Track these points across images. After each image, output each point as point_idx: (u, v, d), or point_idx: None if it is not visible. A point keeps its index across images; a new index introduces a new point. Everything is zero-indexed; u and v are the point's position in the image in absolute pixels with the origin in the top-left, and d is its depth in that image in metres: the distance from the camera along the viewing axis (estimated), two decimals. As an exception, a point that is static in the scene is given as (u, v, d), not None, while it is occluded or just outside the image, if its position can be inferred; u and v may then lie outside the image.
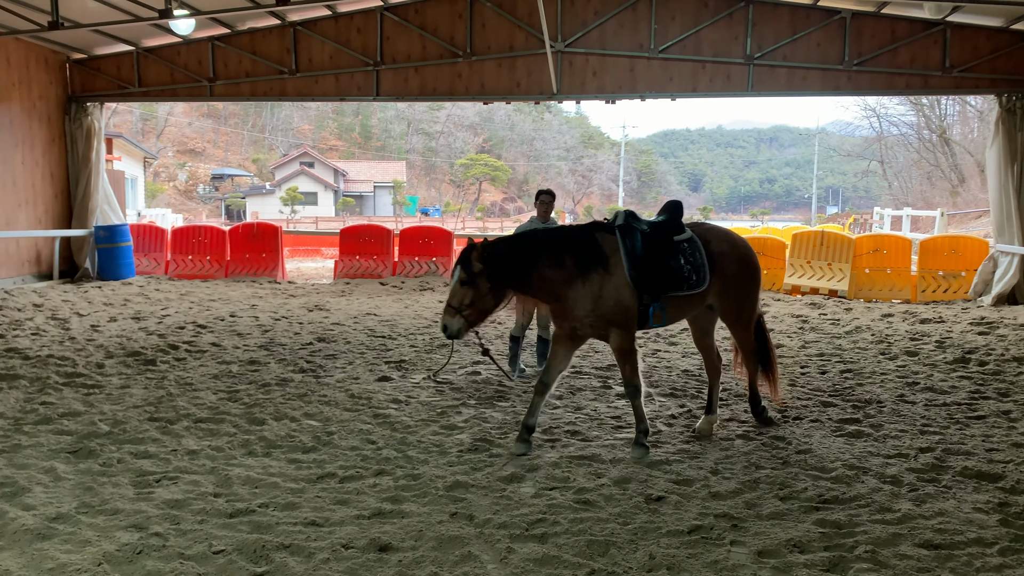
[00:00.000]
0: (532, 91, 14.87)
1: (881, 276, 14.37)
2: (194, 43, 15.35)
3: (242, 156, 73.88)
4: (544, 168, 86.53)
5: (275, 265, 16.52)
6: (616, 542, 3.96)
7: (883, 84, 14.12)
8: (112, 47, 15.50)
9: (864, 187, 79.94)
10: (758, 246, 15.47)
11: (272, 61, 15.23)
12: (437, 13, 14.80)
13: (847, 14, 13.70)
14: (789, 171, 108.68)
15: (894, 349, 9.33)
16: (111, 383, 7.23)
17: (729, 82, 14.30)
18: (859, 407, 6.69)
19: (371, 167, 69.92)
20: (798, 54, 14.00)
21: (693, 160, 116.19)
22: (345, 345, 9.31)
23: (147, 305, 12.30)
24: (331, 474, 4.93)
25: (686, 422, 6.19)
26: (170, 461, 5.13)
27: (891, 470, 5.06)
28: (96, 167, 15.85)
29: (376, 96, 15.26)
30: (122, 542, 3.87)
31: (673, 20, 14.22)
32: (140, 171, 34.24)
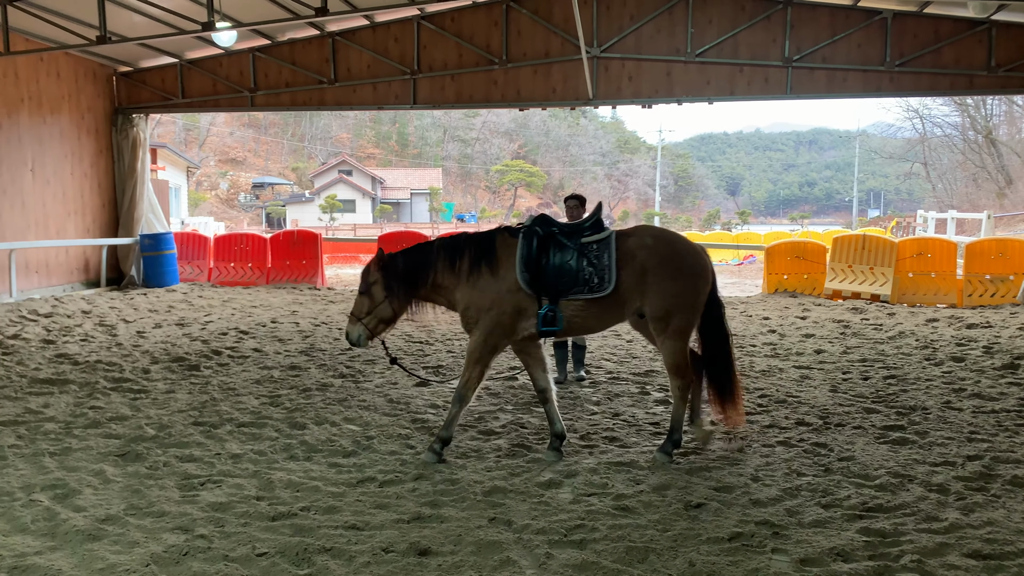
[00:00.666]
0: (568, 97, 14.87)
1: (925, 280, 14.08)
2: (235, 54, 15.67)
3: (282, 165, 75.03)
4: (579, 173, 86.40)
5: (315, 272, 16.73)
6: (655, 549, 3.94)
7: (926, 85, 13.85)
8: (157, 60, 15.88)
9: (907, 190, 78.44)
10: (798, 250, 15.28)
11: (311, 71, 15.46)
12: (473, 21, 14.90)
13: (888, 14, 13.48)
14: (829, 174, 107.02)
15: (939, 355, 9.14)
16: (157, 388, 7.39)
17: (767, 85, 14.16)
18: (903, 414, 6.57)
19: (408, 174, 70.48)
20: (838, 55, 13.80)
21: (731, 164, 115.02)
22: (383, 350, 9.38)
23: (191, 312, 12.55)
24: (371, 478, 4.99)
25: (725, 428, 6.13)
26: (214, 465, 5.23)
27: (937, 478, 4.96)
28: (141, 177, 16.24)
29: (413, 104, 15.40)
30: (169, 543, 3.96)
31: (710, 23, 14.13)
32: (183, 180, 34.98)
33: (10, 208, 13.50)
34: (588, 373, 8.16)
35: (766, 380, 7.89)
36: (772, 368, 8.49)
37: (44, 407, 6.62)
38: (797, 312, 12.72)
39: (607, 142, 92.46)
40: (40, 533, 4.11)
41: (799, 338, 10.39)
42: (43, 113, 14.27)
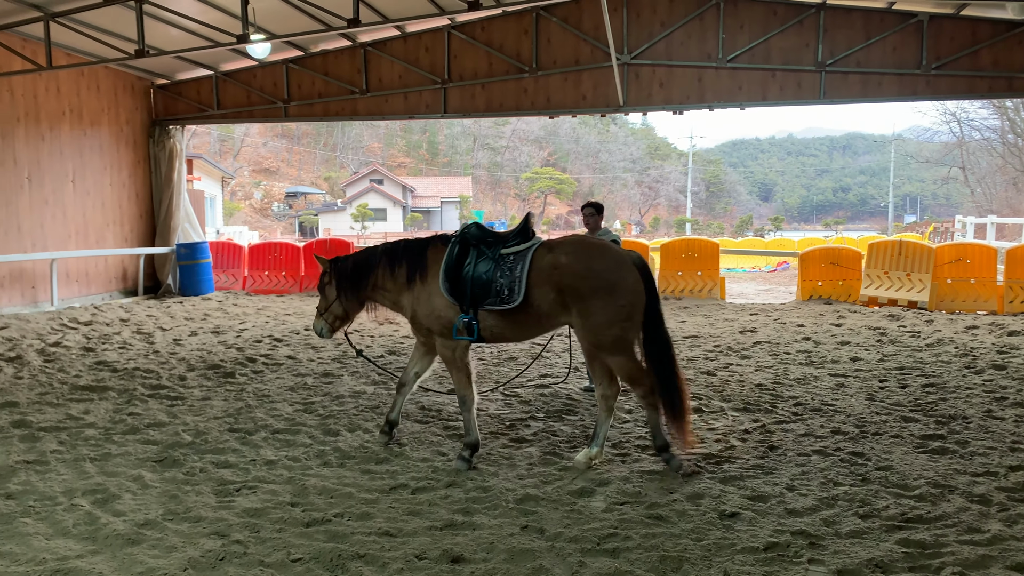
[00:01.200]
0: (598, 104, 14.86)
1: (964, 287, 13.81)
2: (269, 66, 15.91)
3: (314, 174, 75.90)
4: (610, 180, 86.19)
5: (346, 280, 16.84)
6: (689, 558, 3.90)
7: (964, 88, 13.61)
8: (193, 72, 16.19)
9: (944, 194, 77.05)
10: (832, 256, 15.07)
11: (344, 81, 15.64)
12: (503, 30, 14.97)
13: (924, 17, 13.28)
14: (864, 179, 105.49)
15: (980, 363, 8.95)
16: (193, 395, 7.50)
17: (800, 90, 14.01)
18: (943, 423, 6.44)
19: (438, 183, 70.87)
20: (872, 59, 13.63)
21: (763, 169, 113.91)
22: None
23: (226, 319, 12.73)
24: (403, 485, 5.01)
25: (760, 437, 6.06)
26: (249, 471, 5.29)
27: (979, 489, 4.85)
28: (178, 187, 16.53)
29: (444, 113, 15.50)
30: (205, 548, 4.01)
31: (741, 29, 14.04)
32: (218, 190, 35.54)
33: (52, 218, 13.83)
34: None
35: (801, 388, 7.79)
36: (807, 376, 8.38)
37: (85, 413, 6.75)
38: (832, 319, 12.54)
39: (637, 148, 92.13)
40: (81, 537, 4.20)
41: (834, 345, 10.25)
42: (83, 126, 14.61)
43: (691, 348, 10.15)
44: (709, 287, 15.63)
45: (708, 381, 8.12)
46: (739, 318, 12.90)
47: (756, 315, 13.26)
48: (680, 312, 13.71)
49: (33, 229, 13.42)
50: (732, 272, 23.08)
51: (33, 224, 13.42)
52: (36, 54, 12.88)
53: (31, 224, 13.37)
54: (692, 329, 11.68)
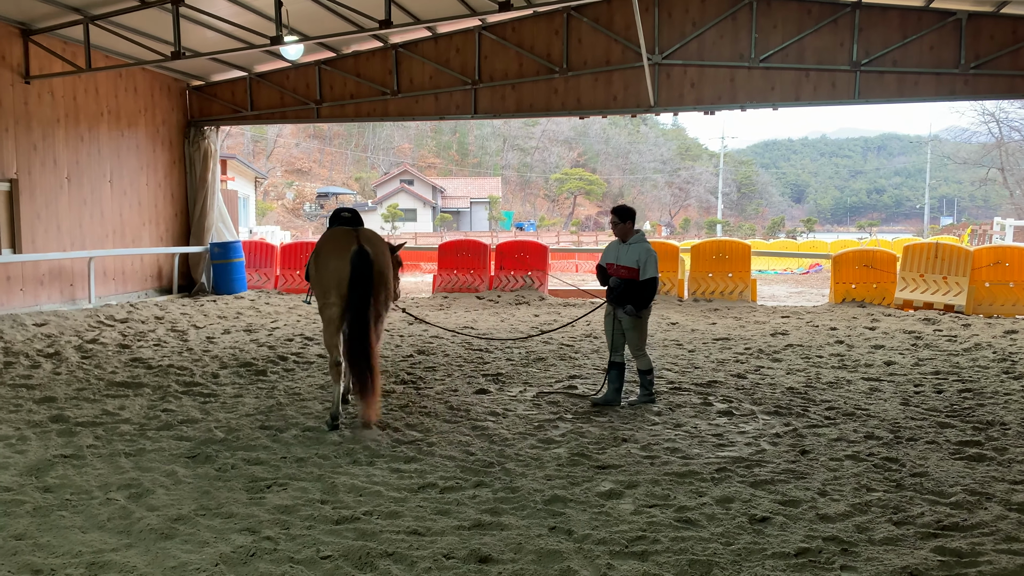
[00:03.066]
0: (629, 104, 14.80)
1: (1003, 290, 13.52)
2: (302, 67, 16.07)
3: (345, 175, 76.56)
4: (640, 181, 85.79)
5: (376, 280, 16.95)
6: (719, 563, 3.86)
7: (1004, 88, 13.33)
8: (227, 73, 16.41)
9: (982, 196, 75.52)
10: (866, 258, 14.85)
11: (375, 83, 15.75)
12: (534, 30, 14.97)
13: (963, 15, 13.03)
14: (899, 180, 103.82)
15: (1019, 368, 8.75)
16: (225, 392, 7.60)
17: (834, 90, 13.83)
18: (980, 429, 6.31)
19: (468, 183, 71.09)
20: (909, 59, 13.40)
21: (795, 170, 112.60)
22: (444, 358, 9.48)
23: (258, 318, 12.88)
24: (432, 484, 5.03)
25: (791, 441, 5.99)
26: (280, 468, 5.35)
27: (1018, 497, 4.75)
28: (212, 187, 16.77)
29: (474, 114, 15.53)
30: (237, 544, 4.06)
31: (775, 28, 13.89)
32: (251, 190, 35.97)
33: (90, 218, 14.10)
34: (650, 397, 7.28)
35: (833, 392, 7.68)
36: (840, 380, 8.26)
37: (120, 409, 6.87)
38: (866, 322, 12.35)
39: (668, 149, 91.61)
40: (116, 531, 4.27)
41: (868, 349, 10.09)
42: (121, 127, 14.88)
43: (721, 351, 10.06)
44: (740, 289, 15.49)
45: (739, 384, 8.04)
46: (770, 320, 12.76)
47: (788, 318, 13.11)
48: (711, 314, 13.59)
49: (72, 228, 13.69)
50: (763, 274, 22.85)
51: (72, 223, 13.69)
52: (76, 56, 13.14)
53: (70, 223, 13.65)
54: (723, 331, 11.57)
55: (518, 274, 16.79)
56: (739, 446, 5.88)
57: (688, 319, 13.01)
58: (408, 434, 6.18)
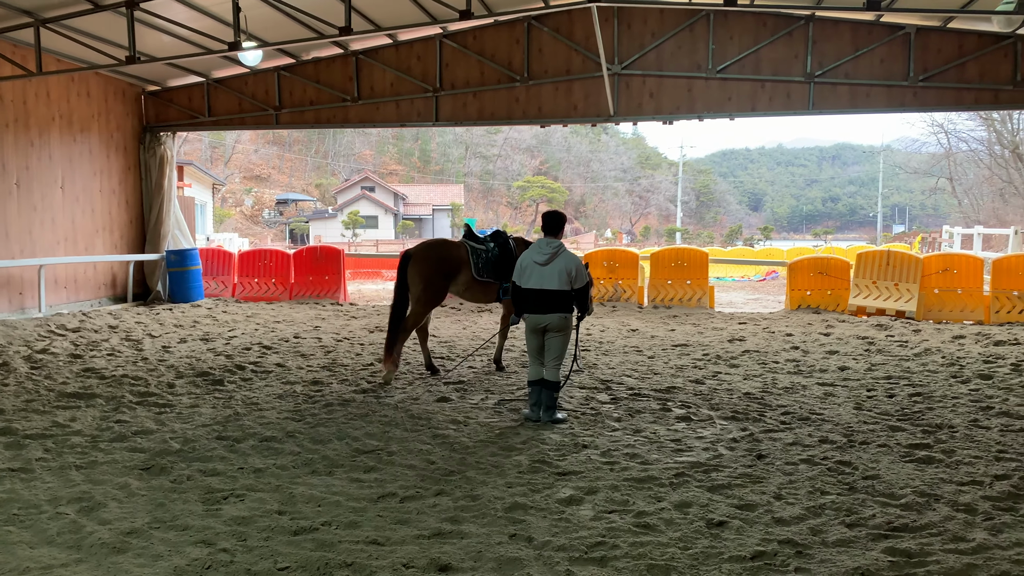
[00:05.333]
0: (589, 113, 14.93)
1: (952, 297, 13.91)
2: (261, 73, 15.91)
3: (305, 181, 75.83)
4: (601, 189, 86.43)
5: (337, 287, 16.86)
6: (677, 567, 3.91)
7: (951, 100, 13.74)
8: (184, 79, 16.17)
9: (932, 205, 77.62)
10: (821, 266, 15.16)
11: (335, 89, 15.66)
12: (495, 39, 15.03)
13: (911, 29, 13.42)
14: (853, 189, 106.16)
15: (967, 372, 9.01)
16: (181, 402, 7.47)
17: (789, 100, 14.11)
18: (929, 432, 6.48)
19: (430, 190, 70.91)
20: (861, 71, 13.74)
21: (753, 179, 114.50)
22: (405, 366, 9.44)
23: (215, 327, 12.69)
24: (392, 493, 5.00)
25: (748, 446, 6.09)
26: (237, 479, 5.28)
27: (965, 498, 4.89)
28: (168, 194, 16.49)
29: (435, 121, 15.53)
30: (192, 557, 3.99)
31: (731, 40, 14.13)
32: (209, 197, 35.44)
33: (40, 225, 13.76)
34: (559, 416, 6.93)
35: (789, 397, 7.83)
36: (795, 385, 8.42)
37: (71, 421, 6.72)
38: (820, 328, 12.60)
39: (628, 158, 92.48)
40: (66, 546, 4.17)
41: (822, 355, 10.30)
42: (73, 132, 14.57)
43: (680, 357, 10.18)
44: (698, 296, 15.69)
45: (697, 390, 8.15)
46: (728, 327, 12.95)
47: (745, 324, 13.31)
48: (670, 320, 13.75)
49: (21, 235, 13.34)
50: (721, 281, 23.17)
51: (21, 230, 13.34)
52: (26, 60, 12.84)
53: (19, 230, 13.30)
54: (681, 338, 11.71)
55: (480, 282, 16.75)
56: (697, 451, 5.95)
57: (648, 326, 13.13)
58: (368, 443, 6.14)
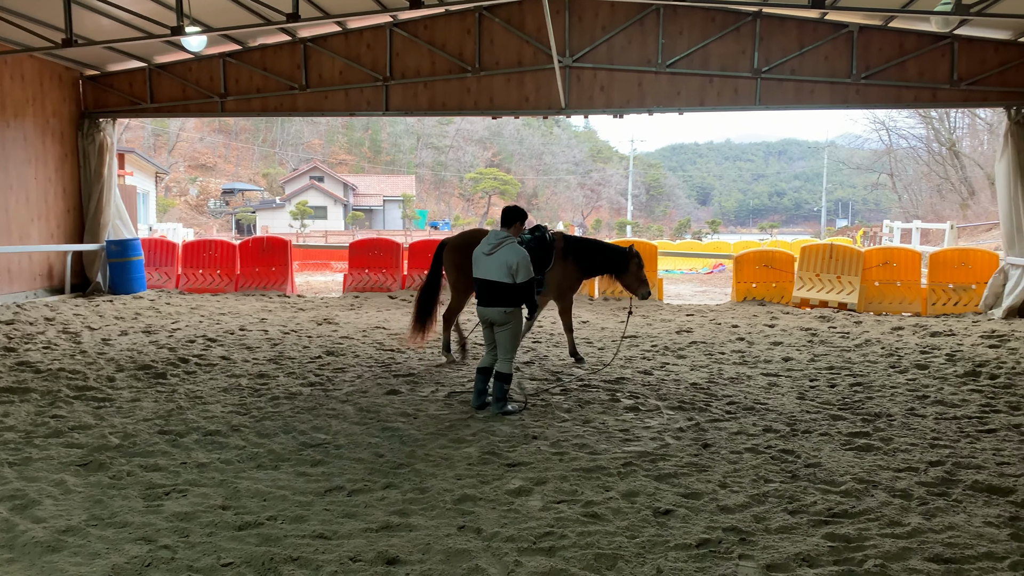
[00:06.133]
0: (541, 106, 14.94)
1: (891, 289, 14.32)
2: (206, 59, 15.53)
3: (252, 171, 74.42)
4: (553, 182, 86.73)
5: (284, 279, 16.60)
6: (624, 556, 3.95)
7: (892, 97, 14.12)
8: (125, 64, 15.69)
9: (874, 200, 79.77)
10: (767, 259, 15.46)
11: (283, 77, 15.37)
12: (446, 29, 14.92)
13: (855, 28, 13.73)
14: (798, 184, 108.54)
15: (904, 362, 9.29)
16: (122, 396, 7.27)
17: (737, 96, 14.33)
18: (869, 420, 6.66)
19: (380, 181, 70.27)
20: (806, 68, 14.03)
21: (702, 174, 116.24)
22: (354, 359, 9.34)
23: (158, 319, 12.38)
24: (339, 487, 4.95)
25: (694, 435, 6.18)
26: (180, 474, 5.16)
27: (901, 484, 5.04)
28: (108, 182, 16.00)
29: (385, 111, 15.37)
30: (131, 555, 3.89)
31: (681, 35, 14.28)
32: (152, 186, 34.53)
33: (-29, 213, 13.23)
34: (513, 405, 7.03)
35: (734, 387, 7.97)
36: (740, 375, 8.57)
37: (3, 416, 6.48)
38: (765, 320, 12.86)
39: (580, 151, 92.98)
40: (-2, 545, 4.02)
41: (767, 346, 10.51)
42: (6, 117, 14.02)
43: (629, 348, 10.28)
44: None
45: (645, 380, 8.24)
46: (676, 319, 13.12)
47: (692, 316, 13.51)
48: (620, 312, 13.87)
49: (-49, 224, 12.82)
50: (670, 274, 23.47)
51: (-49, 218, 12.82)
52: (-45, 40, 12.32)
53: (-51, 218, 12.77)
54: (630, 329, 11.83)
55: (431, 273, 16.67)
56: (644, 441, 6.02)
57: (598, 318, 13.23)
58: (315, 437, 6.06)
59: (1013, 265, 13.21)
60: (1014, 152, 13.19)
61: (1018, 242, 13.18)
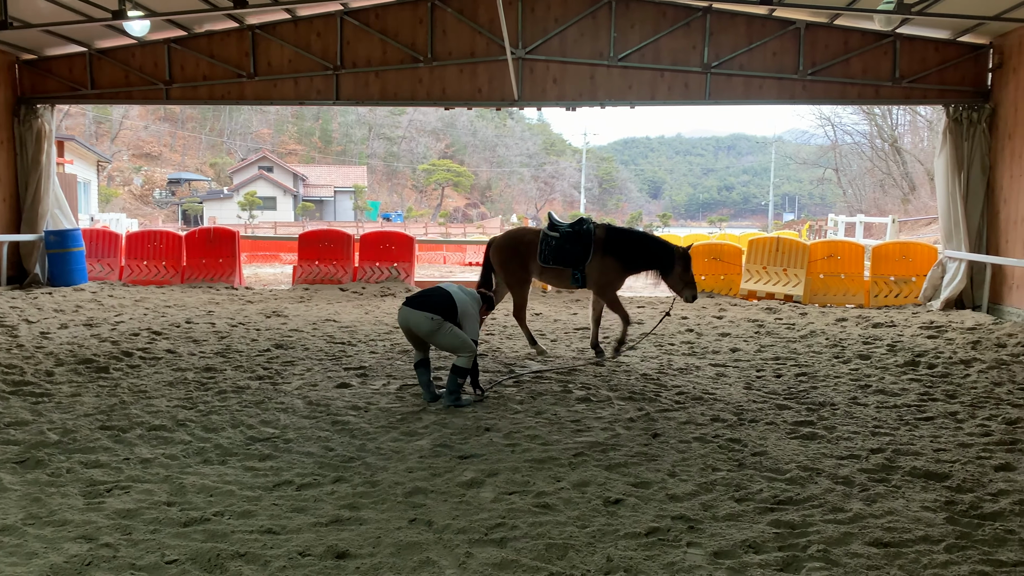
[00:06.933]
0: (494, 97, 14.88)
1: (836, 281, 14.68)
2: (149, 45, 15.09)
3: (199, 160, 72.81)
4: (507, 175, 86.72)
5: (232, 271, 16.29)
6: (574, 545, 3.98)
7: (837, 93, 14.43)
8: (64, 48, 15.16)
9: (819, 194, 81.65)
10: (715, 252, 15.70)
11: (230, 64, 15.04)
12: (398, 18, 14.77)
13: (801, 25, 13.99)
14: (747, 178, 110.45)
15: (847, 353, 9.54)
16: (61, 391, 7.05)
17: (687, 90, 14.49)
18: (813, 409, 6.82)
19: (331, 172, 69.39)
20: (754, 63, 14.24)
21: (653, 167, 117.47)
22: (304, 352, 9.22)
23: (100, 312, 12.03)
24: (288, 481, 4.88)
25: (644, 425, 6.25)
26: (122, 470, 5.03)
27: (843, 471, 5.17)
28: (47, 171, 15.46)
29: (336, 100, 15.15)
30: (70, 553, 3.78)
31: (632, 28, 14.37)
32: (93, 175, 33.51)
33: (-100, 201, 12.67)
34: (476, 395, 7.14)
35: (683, 378, 8.08)
36: (689, 366, 8.70)
37: (-65, 412, 6.23)
38: (714, 312, 13.07)
39: (534, 144, 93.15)
40: (-72, 546, 3.87)
41: (715, 337, 10.68)
42: (-63, 101, 13.45)
43: (581, 340, 10.35)
44: (600, 280, 15.96)
45: (596, 371, 8.30)
46: (627, 310, 13.22)
47: (643, 307, 13.66)
48: (572, 305, 13.95)
49: None
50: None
51: None
52: None
53: None
54: (583, 321, 11.90)
55: (383, 265, 16.57)
56: (596, 431, 6.07)
57: (551, 310, 13.29)
58: (263, 431, 5.97)
59: (951, 258, 13.65)
60: (952, 148, 13.61)
61: (955, 236, 13.61)
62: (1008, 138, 12.99)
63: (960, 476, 5.06)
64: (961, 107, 13.64)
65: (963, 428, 6.25)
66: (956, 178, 13.53)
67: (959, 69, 13.78)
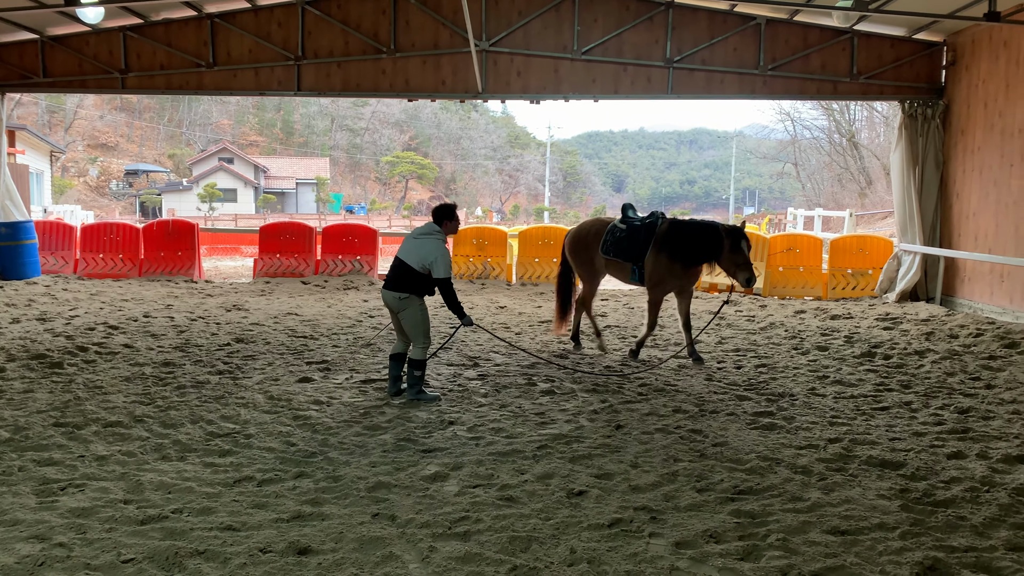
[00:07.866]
0: (457, 89, 14.81)
1: (794, 274, 14.90)
2: (104, 32, 14.72)
3: (158, 151, 71.36)
4: (471, 167, 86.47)
5: (191, 264, 16.01)
6: (538, 537, 3.99)
7: (796, 89, 14.63)
8: (14, 35, 14.71)
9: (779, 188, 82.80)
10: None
11: (189, 54, 14.74)
12: (360, 8, 14.60)
13: (762, 20, 14.14)
14: (708, 172, 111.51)
15: (806, 344, 9.69)
16: (12, 387, 6.87)
17: (650, 84, 14.57)
18: (773, 400, 6.93)
19: (293, 163, 68.53)
20: (716, 58, 14.37)
21: (616, 161, 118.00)
22: (264, 346, 9.10)
23: (54, 305, 11.75)
24: (249, 477, 4.81)
25: (607, 417, 6.29)
26: (77, 468, 4.92)
27: (802, 460, 5.26)
28: (-3, 161, 15.03)
29: (297, 91, 14.95)
30: (22, 554, 3.69)
31: (596, 22, 14.40)
32: (46, 165, 32.63)
33: None
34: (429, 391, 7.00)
35: (646, 369, 8.14)
36: (652, 358, 8.77)
37: None
38: (675, 304, 13.15)
39: (498, 137, 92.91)
40: None
41: (677, 329, 10.76)
42: None
43: (546, 333, 10.37)
44: (564, 273, 16.00)
45: (561, 364, 8.33)
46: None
47: (607, 300, 13.73)
48: (537, 298, 13.97)
49: None
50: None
51: None
52: None
53: None
54: (548, 314, 11.93)
55: (346, 258, 16.42)
56: (560, 423, 6.09)
57: (516, 303, 13.29)
58: (223, 426, 5.88)
59: (906, 251, 13.94)
60: (907, 144, 13.88)
61: (910, 229, 13.90)
62: (961, 134, 13.30)
63: (914, 464, 5.18)
64: (916, 103, 13.92)
65: (917, 417, 6.40)
66: (911, 173, 13.81)
67: (914, 66, 14.06)
